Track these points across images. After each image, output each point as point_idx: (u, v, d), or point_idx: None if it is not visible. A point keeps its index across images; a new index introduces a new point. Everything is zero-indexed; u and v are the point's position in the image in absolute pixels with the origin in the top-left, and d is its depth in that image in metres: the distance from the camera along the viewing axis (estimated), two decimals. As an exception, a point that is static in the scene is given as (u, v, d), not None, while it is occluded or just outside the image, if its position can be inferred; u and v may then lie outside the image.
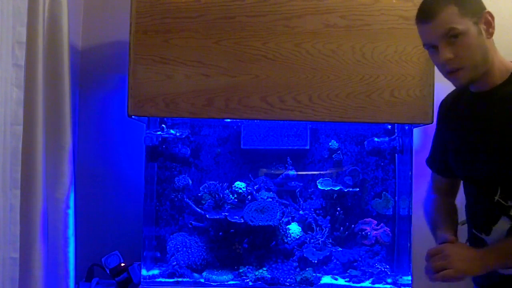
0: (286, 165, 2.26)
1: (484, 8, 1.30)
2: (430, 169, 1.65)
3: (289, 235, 2.17)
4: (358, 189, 2.22)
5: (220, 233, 2.16)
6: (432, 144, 1.63)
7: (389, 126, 2.23)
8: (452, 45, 1.27)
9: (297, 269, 2.11)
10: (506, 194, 1.29)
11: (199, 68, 1.91)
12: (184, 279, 2.09)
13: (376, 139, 2.24)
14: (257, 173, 2.28)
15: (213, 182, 2.23)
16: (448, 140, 1.50)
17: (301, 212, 2.24)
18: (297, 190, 2.26)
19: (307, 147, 2.25)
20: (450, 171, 1.52)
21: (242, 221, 2.11)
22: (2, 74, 1.59)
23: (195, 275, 2.11)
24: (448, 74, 1.31)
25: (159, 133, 2.17)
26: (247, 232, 2.15)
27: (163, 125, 2.17)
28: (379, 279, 2.10)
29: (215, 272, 2.10)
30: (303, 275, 2.06)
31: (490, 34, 1.30)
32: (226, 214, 2.13)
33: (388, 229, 2.20)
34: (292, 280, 2.06)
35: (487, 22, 1.29)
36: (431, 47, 1.32)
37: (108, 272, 2.13)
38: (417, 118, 1.94)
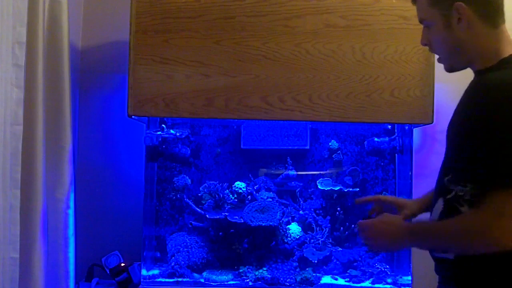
0: (286, 165, 2.25)
1: None
2: None
3: (289, 235, 2.17)
4: (358, 189, 2.22)
5: (220, 233, 2.16)
6: None
7: (389, 126, 2.23)
8: (427, 32, 1.31)
9: (297, 269, 2.11)
10: (454, 179, 1.25)
11: (199, 68, 1.91)
12: (184, 279, 2.08)
13: (376, 139, 2.23)
14: (257, 173, 2.28)
15: (213, 182, 2.23)
16: None
17: (301, 212, 2.24)
18: (297, 190, 2.26)
19: (307, 147, 2.25)
20: None
21: (242, 221, 2.11)
22: (2, 74, 1.59)
23: (195, 275, 2.10)
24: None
25: (159, 133, 2.16)
26: (247, 232, 2.15)
27: (163, 125, 2.17)
28: (379, 279, 2.09)
29: (215, 272, 2.10)
30: (303, 275, 2.06)
31: (464, 26, 1.23)
32: (226, 214, 2.13)
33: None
34: (292, 280, 2.06)
35: (458, 14, 1.22)
36: None
37: (108, 272, 2.13)
38: (417, 118, 1.94)
